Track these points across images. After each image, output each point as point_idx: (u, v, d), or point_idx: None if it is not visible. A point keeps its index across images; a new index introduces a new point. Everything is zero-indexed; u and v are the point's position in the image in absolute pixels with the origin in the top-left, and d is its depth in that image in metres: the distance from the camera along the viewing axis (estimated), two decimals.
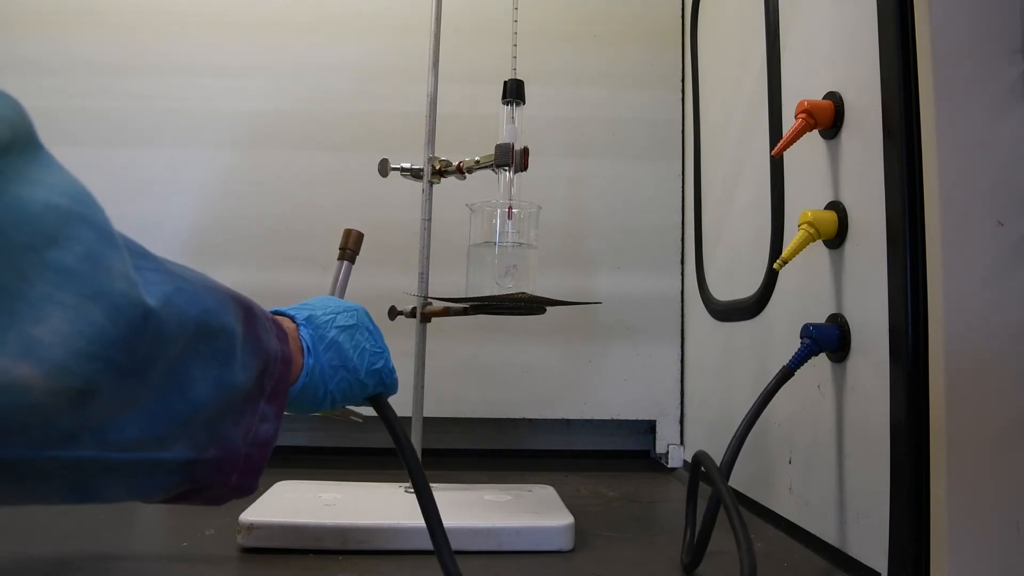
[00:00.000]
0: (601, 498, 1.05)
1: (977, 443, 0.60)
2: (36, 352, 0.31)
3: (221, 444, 0.42)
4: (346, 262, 0.79)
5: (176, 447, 0.39)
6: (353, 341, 0.56)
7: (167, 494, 0.42)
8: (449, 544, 0.58)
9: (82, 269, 0.33)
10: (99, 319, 0.33)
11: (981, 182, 0.61)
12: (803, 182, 0.85)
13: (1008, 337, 0.60)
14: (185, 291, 0.39)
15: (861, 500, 0.71)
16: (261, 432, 0.45)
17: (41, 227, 0.32)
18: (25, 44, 1.27)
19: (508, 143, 0.89)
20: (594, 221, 1.33)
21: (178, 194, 1.26)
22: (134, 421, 0.36)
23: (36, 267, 0.31)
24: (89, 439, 0.34)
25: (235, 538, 0.76)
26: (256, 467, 0.46)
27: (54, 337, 0.31)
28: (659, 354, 1.32)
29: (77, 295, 0.32)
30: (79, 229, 0.33)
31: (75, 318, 0.32)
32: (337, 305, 0.58)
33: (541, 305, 0.86)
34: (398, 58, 1.28)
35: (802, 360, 0.74)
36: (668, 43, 1.36)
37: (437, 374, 1.03)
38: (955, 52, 0.62)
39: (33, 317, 0.31)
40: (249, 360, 0.44)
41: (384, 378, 0.59)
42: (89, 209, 0.34)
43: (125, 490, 0.39)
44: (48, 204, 0.32)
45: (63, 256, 0.32)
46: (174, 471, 0.40)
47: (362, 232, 0.81)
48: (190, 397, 0.39)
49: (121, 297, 0.34)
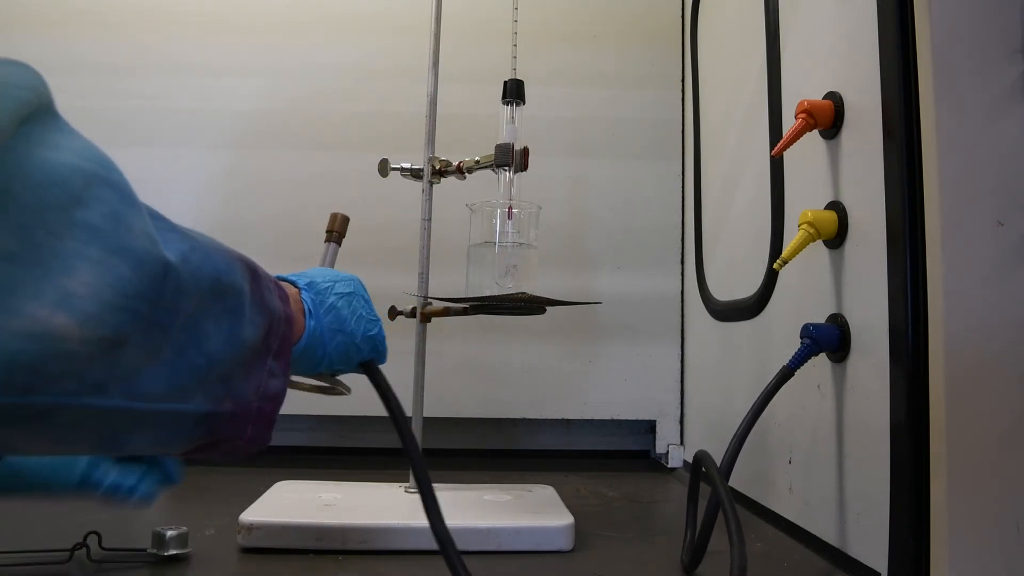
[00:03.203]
0: (601, 498, 1.05)
1: (977, 443, 0.60)
2: (70, 303, 0.33)
3: (235, 398, 0.44)
4: (333, 243, 0.81)
5: (195, 400, 0.41)
6: (351, 307, 0.59)
7: (188, 446, 0.44)
8: (440, 511, 0.61)
9: (106, 227, 0.35)
10: (125, 272, 0.35)
11: (981, 182, 0.61)
12: (803, 182, 0.85)
13: (1008, 337, 0.60)
14: (199, 250, 0.41)
15: (861, 500, 0.71)
16: (271, 387, 0.47)
17: (68, 188, 0.34)
18: (25, 44, 1.27)
19: (508, 143, 0.89)
20: (594, 221, 1.33)
21: (178, 194, 1.26)
22: (158, 373, 0.38)
23: (65, 225, 0.33)
24: (118, 389, 0.36)
25: (235, 538, 0.76)
26: (268, 420, 0.48)
27: (85, 289, 0.33)
28: (659, 354, 1.32)
29: (103, 250, 0.34)
30: (102, 190, 0.35)
31: (103, 271, 0.34)
32: (335, 274, 0.60)
33: (541, 305, 0.86)
34: (398, 58, 1.28)
35: (802, 360, 0.74)
36: (668, 43, 1.36)
37: (437, 374, 1.03)
38: (955, 52, 0.62)
39: (65, 270, 0.33)
40: (256, 318, 0.46)
41: (378, 344, 0.61)
42: (110, 172, 0.37)
43: (150, 442, 0.41)
44: (73, 167, 0.34)
45: (89, 215, 0.34)
46: (194, 424, 0.42)
47: (348, 216, 0.83)
48: (206, 351, 0.41)
49: (144, 252, 0.36)
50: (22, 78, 0.34)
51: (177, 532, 0.72)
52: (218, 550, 0.75)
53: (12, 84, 0.33)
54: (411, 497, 0.90)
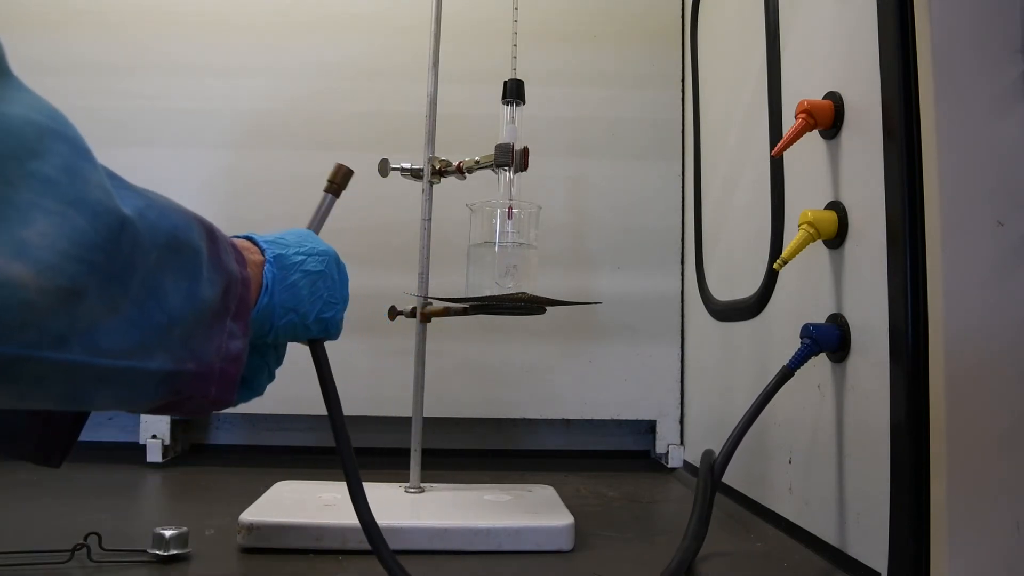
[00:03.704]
0: (601, 498, 1.05)
1: (977, 443, 0.60)
2: (27, 253, 0.32)
3: (197, 358, 0.45)
4: (330, 195, 0.79)
5: (158, 358, 0.41)
6: (313, 287, 0.58)
7: (153, 404, 0.45)
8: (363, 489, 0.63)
9: (62, 179, 0.35)
10: (81, 224, 0.35)
11: (981, 182, 0.61)
12: (803, 182, 0.85)
13: (1008, 337, 0.60)
14: (155, 207, 0.42)
15: (861, 500, 0.71)
16: (231, 348, 0.48)
17: (22, 139, 0.34)
18: (25, 44, 1.27)
19: (508, 143, 0.89)
20: (594, 221, 1.33)
21: (179, 194, 1.24)
22: (118, 328, 0.38)
23: (20, 176, 0.33)
24: (78, 344, 0.36)
25: (235, 538, 0.76)
26: (231, 380, 0.48)
27: (42, 239, 0.33)
28: (659, 354, 1.32)
29: (59, 202, 0.34)
30: (56, 143, 0.35)
31: (59, 223, 0.34)
32: (312, 246, 0.60)
33: (541, 305, 0.86)
34: (398, 58, 1.28)
35: (802, 360, 0.74)
36: (668, 43, 1.36)
37: (437, 374, 1.03)
38: (955, 52, 0.62)
39: (21, 221, 0.33)
40: (214, 276, 0.46)
41: (329, 327, 0.61)
42: (63, 126, 0.36)
43: (114, 399, 0.41)
44: (26, 120, 0.34)
45: (43, 167, 0.34)
46: (158, 383, 0.42)
47: (352, 169, 0.81)
48: (165, 307, 0.41)
49: (99, 205, 0.36)
50: None
51: (177, 532, 0.72)
52: (218, 550, 0.75)
53: None
54: (411, 497, 0.90)
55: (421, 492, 0.91)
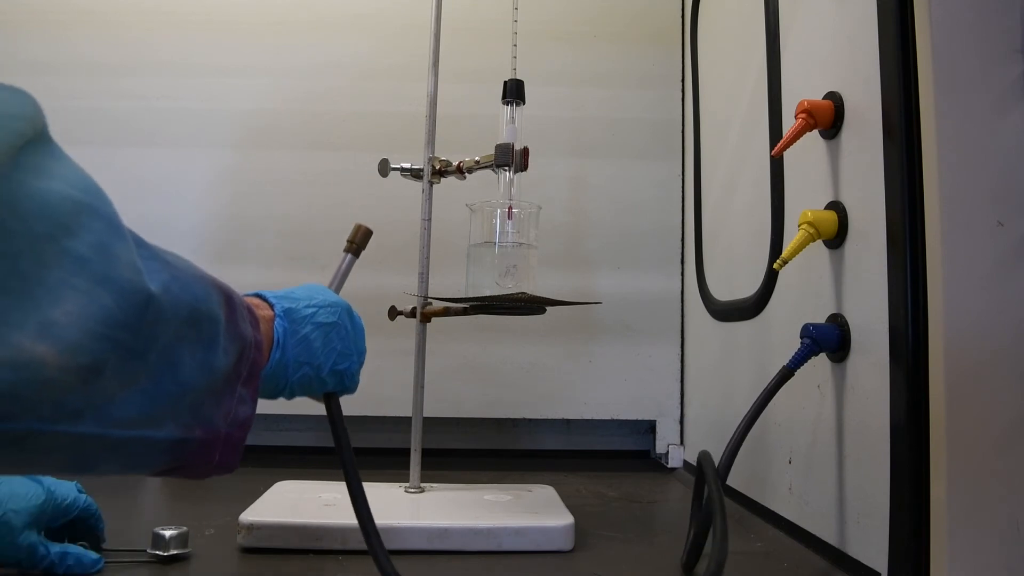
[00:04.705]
0: (601, 498, 1.05)
1: (977, 443, 0.60)
2: (52, 332, 0.33)
3: (205, 424, 0.45)
4: (350, 255, 0.80)
5: (166, 427, 0.42)
6: (326, 339, 0.58)
7: (155, 469, 0.45)
8: (383, 544, 0.62)
9: (94, 257, 0.35)
10: (108, 302, 0.35)
11: (981, 182, 0.61)
12: (803, 182, 0.85)
13: (1008, 337, 0.60)
14: (180, 279, 0.42)
15: (861, 500, 0.71)
16: (240, 413, 0.48)
17: (58, 218, 0.34)
18: (27, 44, 1.27)
19: (508, 143, 0.89)
20: (594, 221, 1.33)
21: (179, 194, 1.26)
22: (132, 400, 0.39)
23: (54, 254, 0.34)
24: (92, 416, 0.36)
25: (235, 538, 0.76)
26: (236, 446, 0.48)
27: (68, 318, 0.34)
28: (659, 354, 1.32)
29: (89, 280, 0.35)
30: (91, 220, 0.36)
31: (87, 301, 0.34)
32: (323, 299, 0.59)
33: (541, 305, 0.86)
34: (398, 58, 1.29)
35: (802, 360, 0.74)
36: (668, 43, 1.36)
37: (437, 374, 1.03)
38: (955, 52, 0.62)
39: (50, 300, 0.33)
40: (230, 345, 0.46)
41: (345, 379, 0.61)
42: (99, 201, 0.37)
43: (119, 465, 0.41)
44: (64, 196, 0.35)
45: (77, 245, 0.35)
46: (164, 450, 0.42)
47: (371, 229, 0.82)
48: (180, 378, 0.42)
49: (127, 283, 0.37)
50: (18, 107, 0.34)
51: (177, 532, 0.72)
52: (218, 550, 0.75)
53: (8, 115, 0.34)
54: (411, 497, 0.90)
55: (421, 492, 0.91)
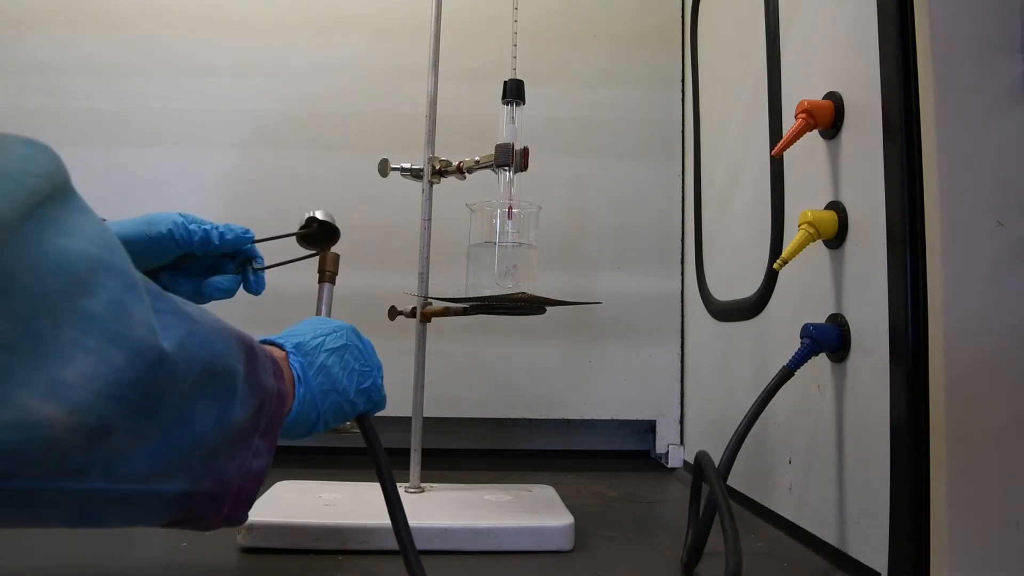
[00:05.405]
0: (601, 498, 1.05)
1: (977, 443, 0.60)
2: (60, 393, 0.32)
3: (216, 477, 0.44)
4: (327, 284, 0.79)
5: (176, 480, 0.41)
6: (343, 362, 0.58)
7: (163, 521, 0.44)
8: (422, 565, 0.59)
9: (107, 315, 0.35)
10: (119, 362, 0.35)
11: (981, 182, 0.61)
12: (803, 182, 0.85)
13: (1007, 337, 0.60)
14: (197, 334, 0.41)
15: (861, 500, 0.71)
16: (254, 466, 0.47)
17: (74, 275, 0.34)
18: (30, 44, 1.27)
19: (508, 143, 0.89)
20: (594, 221, 1.33)
21: (180, 194, 1.26)
22: (141, 455, 0.38)
23: (68, 313, 0.33)
24: (98, 472, 0.36)
25: (235, 538, 0.76)
26: (247, 499, 0.47)
27: (78, 379, 0.33)
28: (659, 354, 1.32)
29: (101, 339, 0.34)
30: (107, 277, 0.35)
31: (97, 361, 0.34)
32: (326, 327, 0.59)
33: (541, 305, 0.86)
34: (398, 58, 1.28)
35: (802, 360, 0.74)
36: (668, 43, 1.36)
37: (437, 374, 1.03)
38: (955, 52, 0.62)
39: (61, 360, 0.33)
40: (248, 398, 0.45)
41: (373, 395, 0.61)
42: (116, 257, 0.36)
43: (124, 518, 0.40)
44: (81, 253, 0.34)
45: (91, 303, 0.34)
46: (172, 503, 0.42)
47: (338, 253, 0.81)
48: (193, 433, 0.41)
49: (140, 342, 0.36)
50: (36, 164, 0.34)
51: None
52: (218, 550, 0.75)
53: (27, 172, 0.33)
54: (412, 497, 0.90)
55: (421, 492, 0.91)
